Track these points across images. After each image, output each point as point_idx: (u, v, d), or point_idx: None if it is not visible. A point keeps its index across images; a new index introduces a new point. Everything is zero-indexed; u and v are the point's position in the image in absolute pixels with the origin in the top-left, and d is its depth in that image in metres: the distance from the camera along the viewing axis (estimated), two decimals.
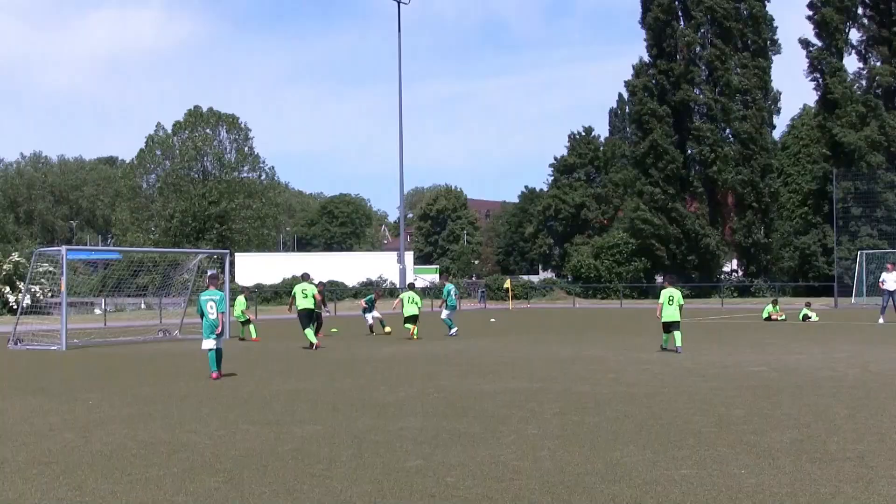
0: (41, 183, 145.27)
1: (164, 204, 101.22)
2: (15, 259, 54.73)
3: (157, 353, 26.79)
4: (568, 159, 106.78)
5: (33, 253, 35.96)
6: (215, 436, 11.44)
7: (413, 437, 11.16)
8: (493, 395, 15.27)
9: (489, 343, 28.58)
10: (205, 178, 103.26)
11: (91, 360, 24.18)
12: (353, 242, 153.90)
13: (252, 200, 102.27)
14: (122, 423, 12.57)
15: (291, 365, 21.71)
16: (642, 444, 10.56)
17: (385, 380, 17.89)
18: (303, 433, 11.58)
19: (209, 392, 16.14)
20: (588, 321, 44.20)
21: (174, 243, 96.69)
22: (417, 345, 28.26)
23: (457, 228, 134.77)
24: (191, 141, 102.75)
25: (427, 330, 34.56)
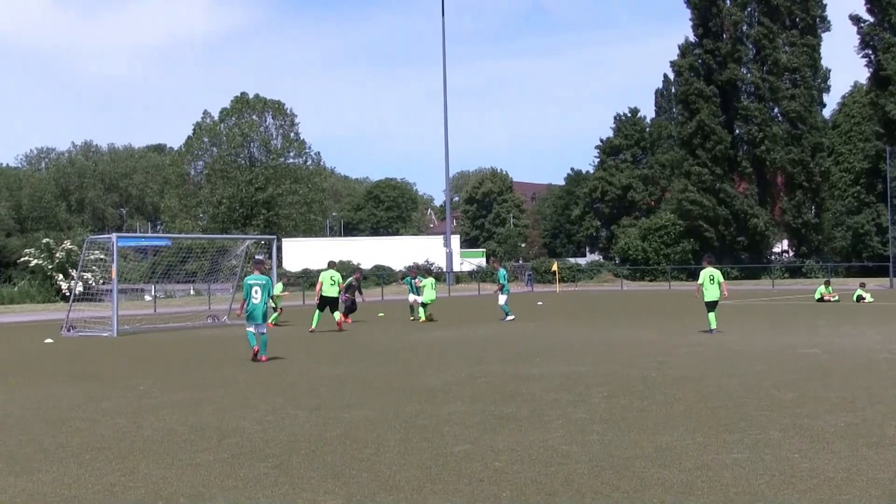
0: (92, 171, 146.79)
1: (211, 190, 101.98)
2: (67, 247, 55.47)
3: (206, 338, 27.01)
4: (614, 141, 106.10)
5: (84, 241, 36.39)
6: (264, 421, 11.50)
7: (460, 422, 11.14)
8: (540, 378, 15.22)
9: (536, 326, 28.51)
10: (251, 165, 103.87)
11: (142, 347, 24.44)
12: (399, 226, 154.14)
13: (298, 186, 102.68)
14: (173, 409, 12.68)
15: (338, 350, 21.78)
16: (692, 427, 10.47)
17: (432, 364, 17.90)
18: (350, 418, 11.61)
19: (257, 377, 16.24)
20: (636, 303, 43.94)
21: (222, 229, 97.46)
22: (463, 329, 28.27)
23: (503, 211, 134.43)
24: (237, 128, 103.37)
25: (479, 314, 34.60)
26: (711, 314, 24.40)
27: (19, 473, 8.85)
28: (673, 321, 26.72)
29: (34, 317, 41.56)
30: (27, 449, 10.05)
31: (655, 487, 7.76)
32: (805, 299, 43.75)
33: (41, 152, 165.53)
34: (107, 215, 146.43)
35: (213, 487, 8.10)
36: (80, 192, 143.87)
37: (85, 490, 8.12)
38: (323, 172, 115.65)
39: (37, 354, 22.40)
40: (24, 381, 16.40)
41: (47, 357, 21.59)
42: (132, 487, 8.17)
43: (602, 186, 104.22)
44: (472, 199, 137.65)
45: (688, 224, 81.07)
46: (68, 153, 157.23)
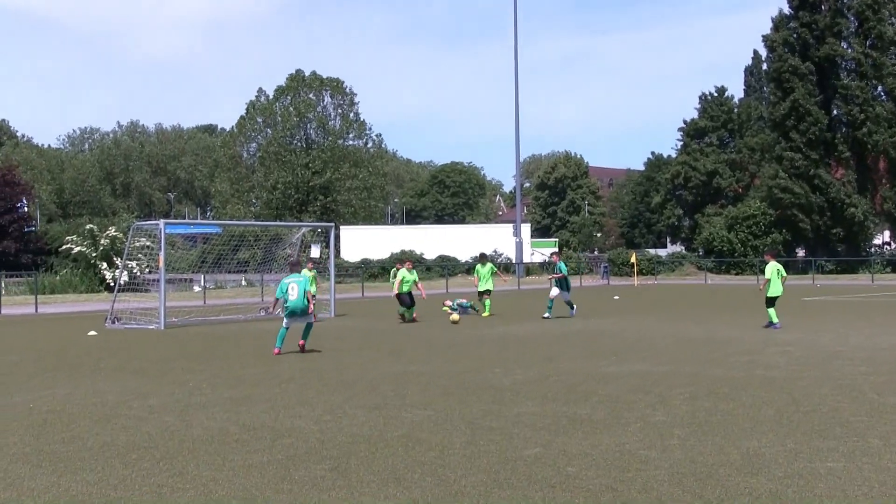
0: (138, 153, 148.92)
1: (265, 174, 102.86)
2: (112, 234, 56.22)
3: (259, 332, 27.29)
4: (699, 123, 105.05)
5: (130, 227, 36.93)
6: (321, 420, 11.61)
7: (531, 423, 11.15)
8: (616, 378, 15.17)
9: (612, 322, 28.37)
10: (308, 147, 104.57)
11: (190, 340, 24.76)
12: (466, 214, 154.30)
13: (358, 170, 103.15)
14: (224, 407, 12.85)
15: (400, 346, 21.88)
16: (782, 433, 10.36)
17: (500, 361, 17.91)
18: (413, 418, 11.67)
19: (314, 374, 16.39)
20: (721, 298, 43.53)
21: (276, 216, 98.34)
22: (534, 324, 28.22)
23: (577, 198, 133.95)
24: (293, 107, 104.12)
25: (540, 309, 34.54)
26: (772, 309, 24.91)
27: (63, 472, 9.03)
28: (761, 318, 26.41)
29: (77, 307, 42.29)
30: (70, 447, 10.25)
31: (742, 497, 7.70)
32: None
33: (84, 133, 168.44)
34: (154, 200, 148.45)
35: (267, 490, 8.20)
36: (125, 175, 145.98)
37: (131, 491, 8.27)
38: (384, 156, 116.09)
39: (80, 348, 22.80)
40: (67, 376, 16.71)
41: (91, 350, 21.97)
42: (181, 489, 8.30)
43: (685, 172, 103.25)
44: (545, 185, 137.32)
45: (778, 213, 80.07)
46: (113, 134, 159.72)
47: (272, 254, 39.37)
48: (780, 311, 29.09)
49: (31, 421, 11.99)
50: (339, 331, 26.56)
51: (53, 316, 36.87)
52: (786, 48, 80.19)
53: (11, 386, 15.51)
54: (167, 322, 29.48)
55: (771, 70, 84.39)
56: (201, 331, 28.01)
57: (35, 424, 11.71)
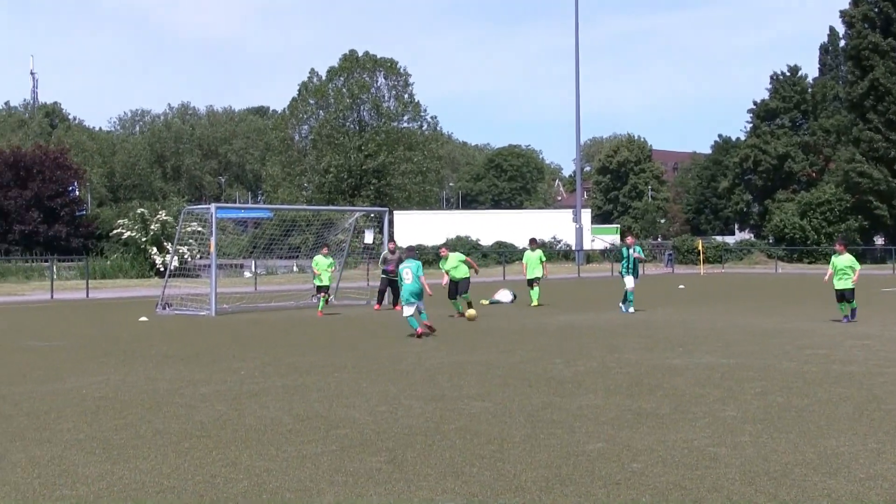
0: (189, 136, 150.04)
1: (317, 157, 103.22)
2: (162, 218, 56.77)
3: (311, 320, 27.45)
4: (769, 103, 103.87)
5: (181, 211, 37.26)
6: (376, 411, 11.64)
7: (594, 417, 11.11)
8: (683, 370, 15.07)
9: (677, 312, 28.19)
10: (361, 129, 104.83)
11: (242, 327, 24.96)
12: (524, 199, 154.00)
13: (413, 153, 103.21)
14: (276, 395, 12.94)
15: (456, 335, 21.89)
16: (862, 432, 10.21)
17: (561, 352, 17.86)
18: (471, 410, 11.67)
19: (369, 363, 16.44)
20: (792, 288, 43.10)
21: (328, 200, 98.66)
22: (595, 313, 28.10)
23: (640, 183, 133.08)
24: (346, 88, 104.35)
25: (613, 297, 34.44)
26: (844, 304, 24.24)
27: (116, 460, 9.14)
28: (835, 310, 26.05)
29: (127, 293, 42.82)
30: (123, 435, 10.37)
31: (820, 499, 7.60)
32: None
33: (135, 115, 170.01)
34: (204, 184, 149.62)
35: (321, 482, 8.23)
36: (176, 158, 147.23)
37: (184, 480, 8.34)
38: (440, 138, 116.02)
39: (131, 333, 23.08)
40: (118, 363, 16.92)
41: (142, 337, 22.23)
42: (234, 479, 8.36)
43: (755, 155, 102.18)
44: (606, 169, 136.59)
45: (855, 199, 79.04)
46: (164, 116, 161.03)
47: (324, 239, 39.48)
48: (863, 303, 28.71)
49: (84, 407, 12.16)
50: (394, 319, 26.62)
51: (104, 301, 37.36)
52: (865, 24, 78.97)
53: (64, 371, 15.75)
54: (218, 308, 29.73)
55: (849, 47, 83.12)
56: (252, 318, 28.23)
57: (88, 411, 11.88)
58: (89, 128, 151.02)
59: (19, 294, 42.21)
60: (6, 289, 44.83)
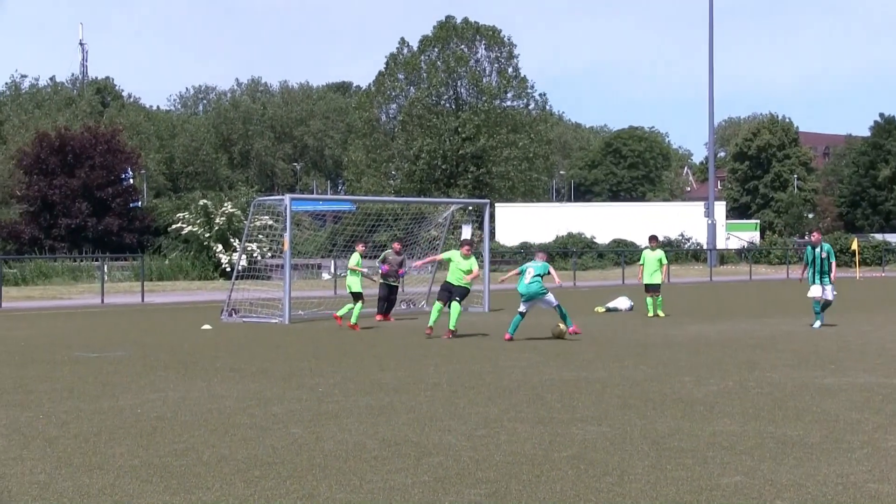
0: (259, 116, 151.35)
1: (407, 141, 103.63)
2: (228, 210, 57.26)
3: (400, 329, 27.56)
4: None
5: (250, 203, 37.63)
6: (474, 436, 11.65)
7: (729, 445, 11.01)
8: (837, 392, 14.87)
9: (829, 322, 27.77)
10: (458, 109, 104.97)
11: (319, 337, 25.15)
12: (647, 189, 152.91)
13: (518, 136, 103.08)
14: (360, 417, 13.00)
15: (568, 347, 21.82)
16: None
17: (690, 369, 17.73)
18: (585, 435, 11.63)
19: (466, 380, 16.45)
20: None
21: (420, 191, 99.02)
22: (731, 323, 27.80)
23: (784, 171, 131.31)
24: (441, 61, 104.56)
25: (753, 304, 34.05)
26: None
27: (176, 490, 9.25)
28: None
29: (188, 297, 43.41)
30: (184, 460, 10.50)
31: None
32: None
33: (199, 92, 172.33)
34: (277, 171, 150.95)
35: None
36: (244, 141, 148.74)
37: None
38: (549, 119, 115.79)
39: (193, 344, 23.39)
40: (178, 378, 17.15)
41: (205, 347, 22.52)
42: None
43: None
44: (744, 155, 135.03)
45: None
46: (231, 94, 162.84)
47: (415, 235, 39.64)
48: None
49: (140, 428, 12.34)
50: (495, 328, 26.59)
51: (162, 306, 37.93)
52: None
53: (117, 387, 16.00)
54: (292, 315, 29.96)
55: None
56: (332, 326, 28.37)
57: (144, 433, 12.05)
58: (145, 107, 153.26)
59: (66, 297, 43.05)
60: (51, 291, 45.74)
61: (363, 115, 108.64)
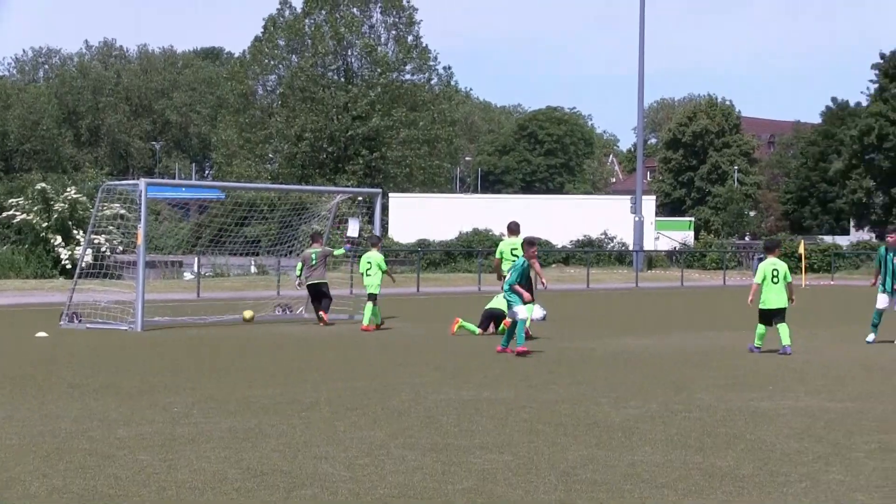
0: (112, 85, 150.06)
1: (287, 119, 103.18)
2: (72, 196, 56.48)
3: (274, 338, 27.44)
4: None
5: (99, 188, 37.21)
6: (355, 465, 11.65)
7: (649, 478, 11.13)
8: (774, 417, 15.08)
9: (769, 337, 28.10)
10: (348, 82, 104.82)
11: (178, 347, 24.98)
12: (566, 180, 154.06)
13: (418, 115, 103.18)
14: (221, 442, 12.94)
15: (469, 363, 21.90)
16: None
17: (608, 389, 17.88)
18: (484, 465, 11.68)
19: (349, 400, 16.43)
20: None
21: (301, 177, 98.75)
22: (658, 337, 28.09)
23: (723, 162, 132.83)
24: (329, 25, 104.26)
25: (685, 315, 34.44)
26: (762, 327, 24.27)
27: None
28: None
29: (21, 298, 42.76)
30: (7, 493, 10.34)
31: None
32: None
33: (39, 56, 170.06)
34: (132, 151, 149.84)
35: None
36: (93, 115, 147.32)
37: None
38: (454, 97, 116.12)
39: (25, 354, 23.06)
40: (3, 395, 16.89)
41: (39, 359, 22.20)
42: None
43: (880, 127, 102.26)
44: (677, 143, 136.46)
45: None
46: (79, 58, 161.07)
47: (294, 229, 39.50)
48: None
49: None
50: (386, 339, 26.60)
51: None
52: None
53: None
54: (146, 322, 29.69)
55: None
56: (193, 334, 28.25)
57: None
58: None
59: None
60: None
61: (236, 87, 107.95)
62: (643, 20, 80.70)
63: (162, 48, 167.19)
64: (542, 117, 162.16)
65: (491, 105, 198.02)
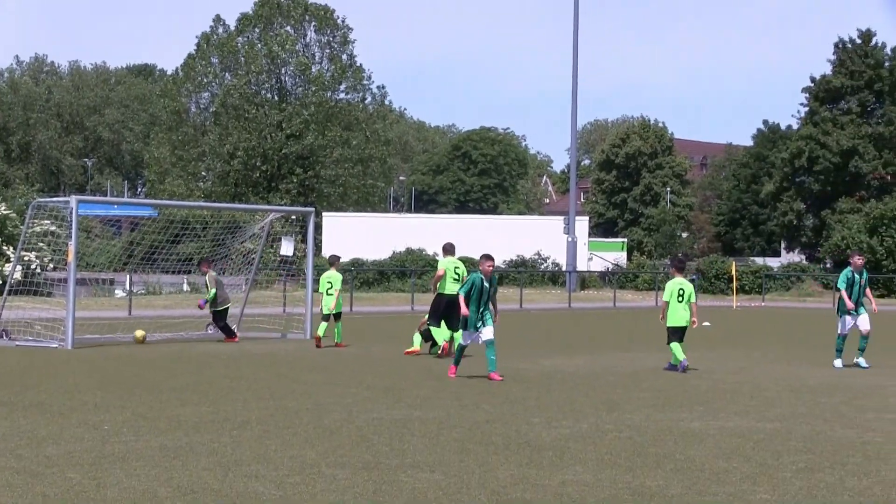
0: (43, 102, 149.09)
1: (221, 137, 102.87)
2: (2, 213, 56.17)
3: (206, 357, 27.32)
4: (832, 81, 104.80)
5: (29, 204, 36.98)
6: (286, 484, 11.64)
7: (579, 497, 11.18)
8: (704, 437, 15.18)
9: (700, 358, 28.31)
10: (282, 101, 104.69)
11: (109, 365, 24.82)
12: (500, 200, 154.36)
13: (351, 134, 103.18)
14: (151, 460, 12.88)
15: (401, 381, 21.90)
16: None
17: (540, 409, 17.93)
18: (415, 484, 11.71)
19: (281, 419, 16.40)
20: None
21: (235, 195, 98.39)
22: (590, 357, 28.20)
23: (656, 183, 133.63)
24: (263, 44, 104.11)
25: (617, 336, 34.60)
26: (675, 345, 24.77)
27: None
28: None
29: None
30: None
31: None
32: None
33: None
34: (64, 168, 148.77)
35: None
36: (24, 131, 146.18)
37: None
38: (388, 116, 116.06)
39: None
40: None
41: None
42: None
43: (810, 150, 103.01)
44: (611, 164, 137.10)
45: None
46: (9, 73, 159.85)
47: (227, 247, 39.39)
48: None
49: None
50: (318, 358, 26.56)
51: None
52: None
53: None
54: (76, 339, 29.49)
55: None
56: (124, 352, 28.08)
57: None
58: None
59: None
60: None
61: (169, 104, 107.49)
62: (577, 42, 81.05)
63: (94, 64, 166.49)
64: (477, 137, 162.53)
65: (425, 125, 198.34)
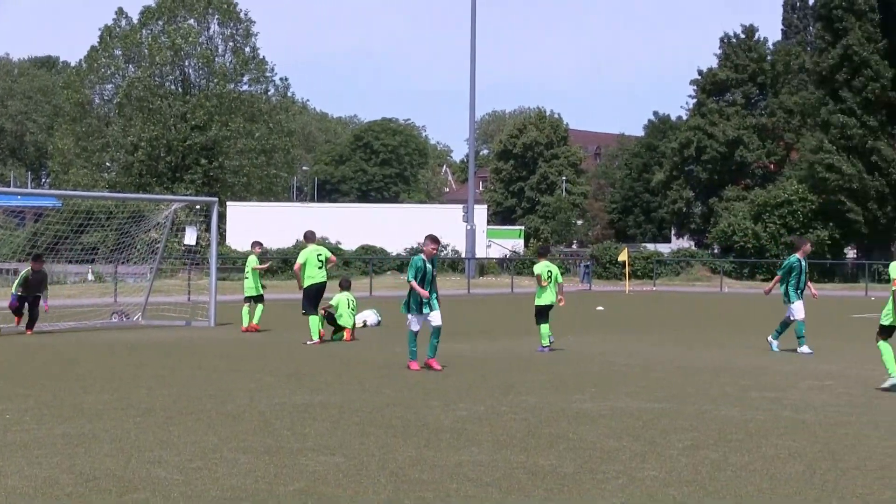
0: None
1: (124, 128, 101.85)
2: None
3: (109, 345, 27.07)
4: (718, 74, 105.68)
5: None
6: (188, 468, 11.58)
7: (475, 477, 11.23)
8: (595, 417, 15.29)
9: (593, 341, 28.52)
10: (186, 92, 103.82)
11: (10, 355, 24.54)
12: (401, 189, 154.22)
13: (254, 126, 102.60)
14: (53, 448, 12.76)
15: (303, 367, 21.84)
16: (813, 496, 10.48)
17: (438, 392, 17.95)
18: (315, 466, 11.70)
19: (184, 405, 16.29)
20: (742, 313, 43.86)
21: (139, 185, 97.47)
22: (488, 342, 28.29)
23: (552, 172, 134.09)
24: (166, 36, 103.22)
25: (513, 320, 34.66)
26: (544, 326, 25.72)
27: None
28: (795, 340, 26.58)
29: None
30: None
31: None
32: None
33: None
34: None
35: None
36: None
37: None
38: (290, 107, 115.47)
39: None
40: None
41: None
42: None
43: (698, 140, 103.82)
44: (508, 154, 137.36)
45: (823, 199, 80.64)
46: None
47: (131, 237, 39.08)
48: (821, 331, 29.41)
49: None
50: (221, 345, 26.44)
51: None
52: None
53: None
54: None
55: (818, 4, 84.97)
56: (28, 342, 27.81)
57: None
58: None
59: None
60: None
61: (72, 96, 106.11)
62: (474, 35, 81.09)
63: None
64: (378, 128, 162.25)
65: (328, 116, 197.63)
